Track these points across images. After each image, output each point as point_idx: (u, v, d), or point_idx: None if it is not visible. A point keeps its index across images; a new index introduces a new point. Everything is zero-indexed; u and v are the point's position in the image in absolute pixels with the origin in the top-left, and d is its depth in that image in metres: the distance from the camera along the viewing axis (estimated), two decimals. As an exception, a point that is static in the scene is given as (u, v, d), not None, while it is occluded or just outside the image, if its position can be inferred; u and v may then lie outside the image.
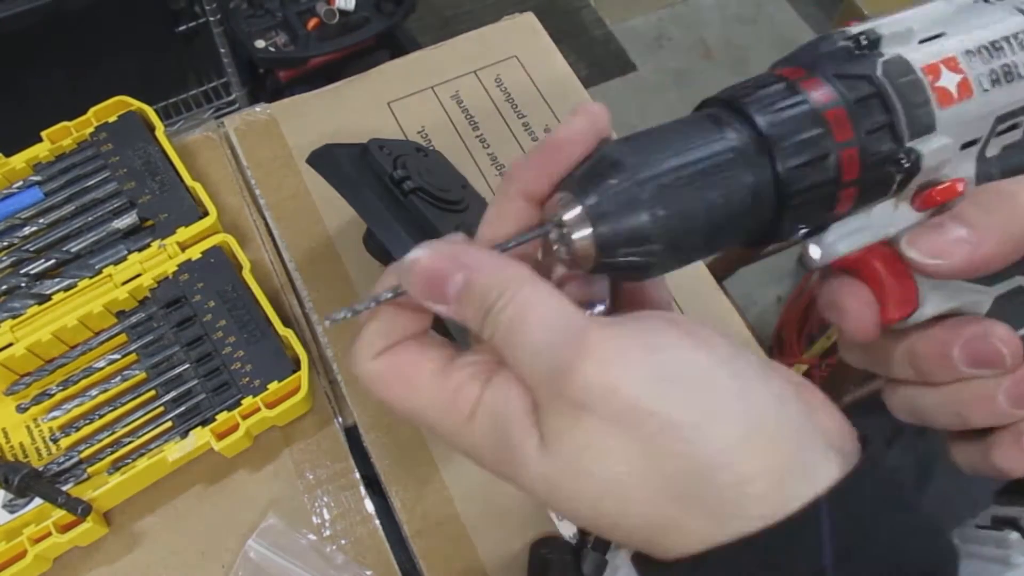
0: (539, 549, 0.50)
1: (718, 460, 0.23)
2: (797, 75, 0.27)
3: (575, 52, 1.92)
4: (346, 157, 0.53)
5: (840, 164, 0.26)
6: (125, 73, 1.34)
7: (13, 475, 0.48)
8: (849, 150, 0.26)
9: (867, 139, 0.26)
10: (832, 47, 0.28)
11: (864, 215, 0.28)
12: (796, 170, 0.25)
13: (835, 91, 0.26)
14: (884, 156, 0.27)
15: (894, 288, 0.29)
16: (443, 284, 0.25)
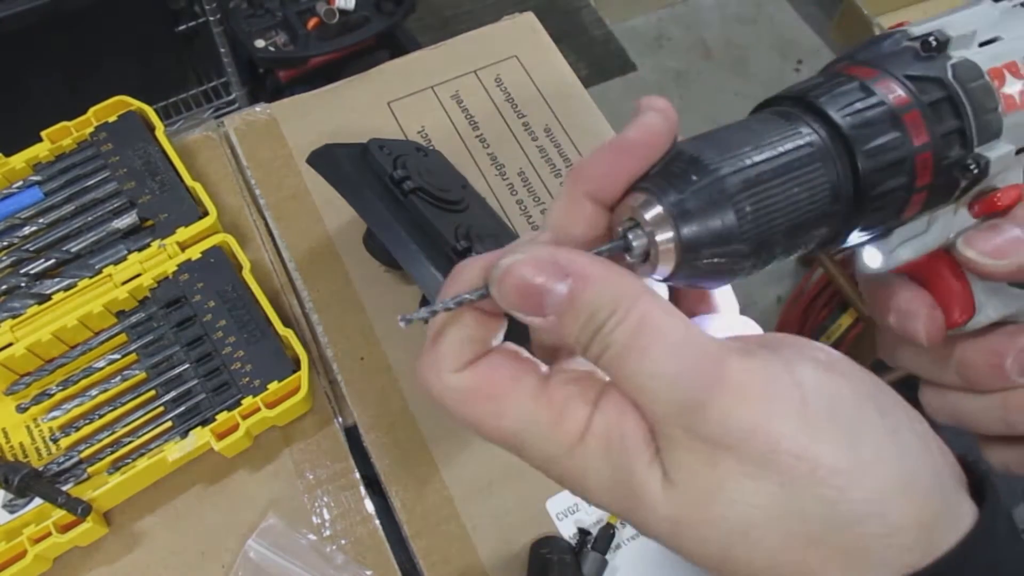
0: (539, 549, 0.50)
1: (868, 509, 0.21)
2: (868, 75, 0.26)
3: (575, 52, 1.92)
4: (346, 157, 0.53)
5: (915, 168, 0.25)
6: (125, 73, 1.34)
7: (13, 475, 0.48)
8: (924, 154, 0.25)
9: (940, 143, 0.26)
10: (897, 47, 0.27)
11: (924, 220, 0.28)
12: (877, 172, 0.25)
13: (909, 93, 0.26)
14: (954, 161, 0.26)
15: (958, 291, 0.29)
16: (541, 295, 0.22)
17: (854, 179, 0.25)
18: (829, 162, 0.24)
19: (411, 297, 0.59)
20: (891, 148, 0.25)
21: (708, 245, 0.23)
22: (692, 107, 1.86)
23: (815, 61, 1.94)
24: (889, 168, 0.25)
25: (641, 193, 0.24)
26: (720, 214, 0.23)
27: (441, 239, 0.50)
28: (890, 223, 0.27)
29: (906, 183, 0.25)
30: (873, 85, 0.26)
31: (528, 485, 0.54)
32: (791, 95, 0.26)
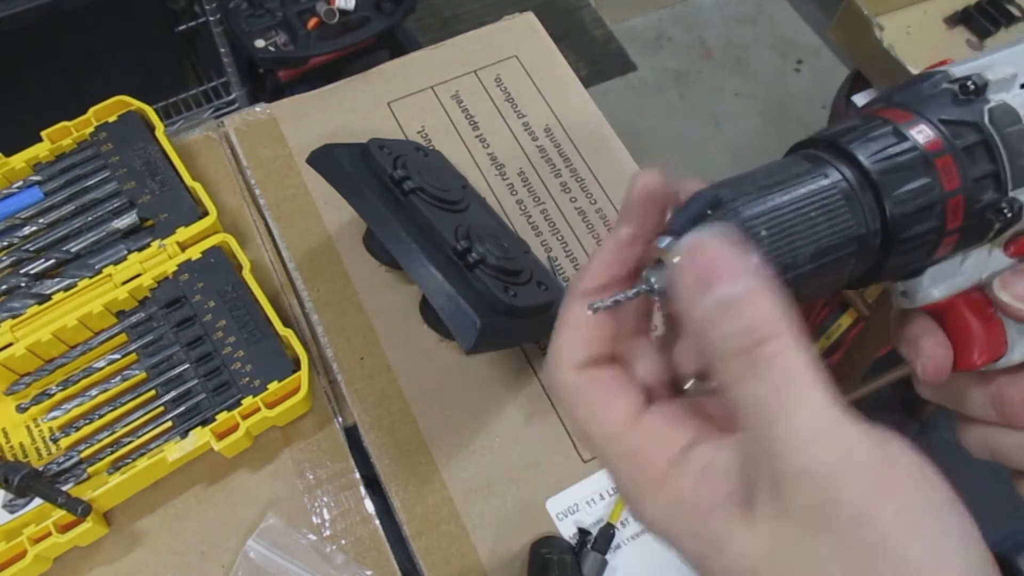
0: (539, 549, 0.50)
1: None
2: (902, 118, 0.26)
3: (575, 52, 1.92)
4: (346, 157, 0.53)
5: (946, 212, 0.26)
6: (125, 73, 1.34)
7: (13, 475, 0.48)
8: (955, 199, 0.26)
9: (972, 187, 0.26)
10: (935, 90, 0.27)
11: (958, 259, 0.28)
12: (905, 217, 0.25)
13: (942, 138, 0.26)
14: (987, 205, 0.26)
15: (981, 333, 0.29)
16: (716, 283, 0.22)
17: (883, 223, 0.25)
18: (856, 206, 0.25)
19: (411, 297, 0.59)
20: (921, 193, 0.25)
21: None
22: (692, 107, 1.86)
23: (815, 61, 1.94)
24: (918, 213, 0.25)
25: (664, 235, 0.25)
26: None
27: (441, 239, 0.50)
28: (921, 263, 0.28)
29: (936, 227, 0.26)
30: (906, 130, 0.26)
31: (528, 485, 0.54)
32: (823, 138, 0.27)
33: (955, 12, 1.16)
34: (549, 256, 0.62)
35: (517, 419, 0.56)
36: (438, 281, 0.47)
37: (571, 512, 0.53)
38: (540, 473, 0.54)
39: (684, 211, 0.25)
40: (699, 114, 1.85)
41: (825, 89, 1.80)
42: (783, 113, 1.85)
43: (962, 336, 0.30)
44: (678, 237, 0.24)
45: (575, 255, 0.62)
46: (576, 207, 0.64)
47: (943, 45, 1.15)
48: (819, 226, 0.24)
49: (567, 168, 0.66)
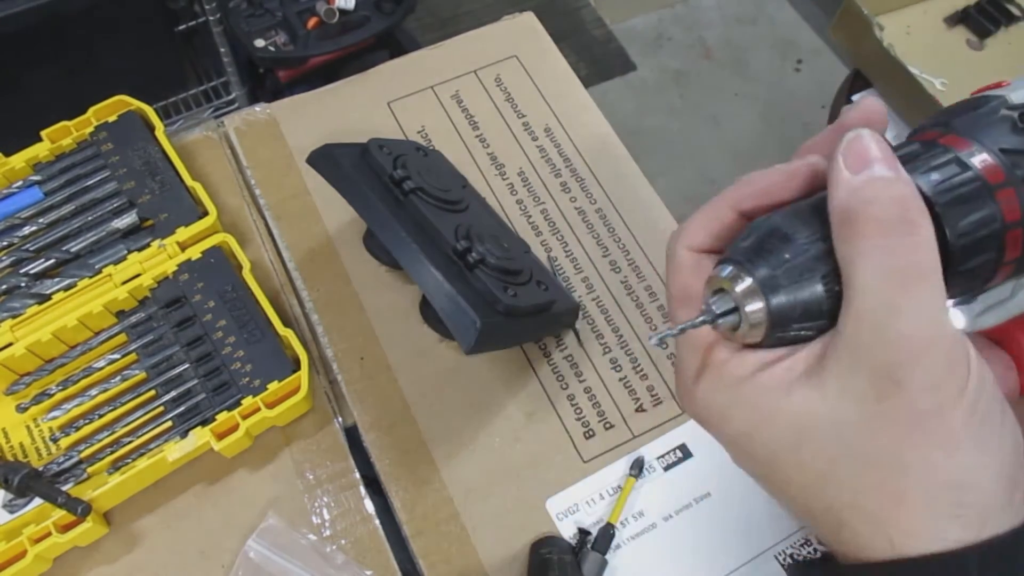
0: (539, 549, 0.50)
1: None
2: (962, 146, 0.26)
3: (575, 52, 1.92)
4: (346, 157, 0.53)
5: (1005, 244, 0.26)
6: (125, 73, 1.34)
7: (13, 475, 0.48)
8: (1016, 231, 0.26)
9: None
10: (994, 117, 0.27)
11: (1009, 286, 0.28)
12: (966, 249, 0.25)
13: (1003, 168, 0.25)
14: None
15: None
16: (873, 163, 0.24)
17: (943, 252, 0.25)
18: None
19: (411, 297, 0.59)
20: (982, 225, 0.25)
21: (798, 319, 0.25)
22: (692, 107, 1.85)
23: (815, 61, 1.94)
24: (980, 244, 0.25)
25: (731, 265, 0.26)
26: (810, 290, 0.24)
27: (441, 239, 0.50)
28: (977, 290, 0.28)
29: (995, 257, 0.26)
30: (968, 159, 0.26)
31: (528, 485, 0.54)
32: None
33: (955, 12, 1.16)
34: (549, 256, 0.62)
35: (517, 419, 0.56)
36: (438, 281, 0.47)
37: (571, 512, 0.53)
38: (540, 473, 0.54)
39: (745, 240, 0.26)
40: (699, 114, 1.85)
41: (825, 89, 1.80)
42: (783, 113, 1.85)
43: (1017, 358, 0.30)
44: (741, 267, 0.25)
45: (575, 255, 0.62)
46: (576, 207, 0.64)
47: (943, 45, 1.15)
48: None
49: (567, 168, 0.66)
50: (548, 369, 0.58)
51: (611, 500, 0.53)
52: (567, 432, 0.56)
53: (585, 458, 0.55)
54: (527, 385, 0.57)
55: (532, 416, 0.56)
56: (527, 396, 0.57)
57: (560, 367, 0.58)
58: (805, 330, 0.25)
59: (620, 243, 0.63)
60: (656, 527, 0.53)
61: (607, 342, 0.59)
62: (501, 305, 0.48)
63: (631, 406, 0.57)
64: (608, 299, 0.60)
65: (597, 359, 0.58)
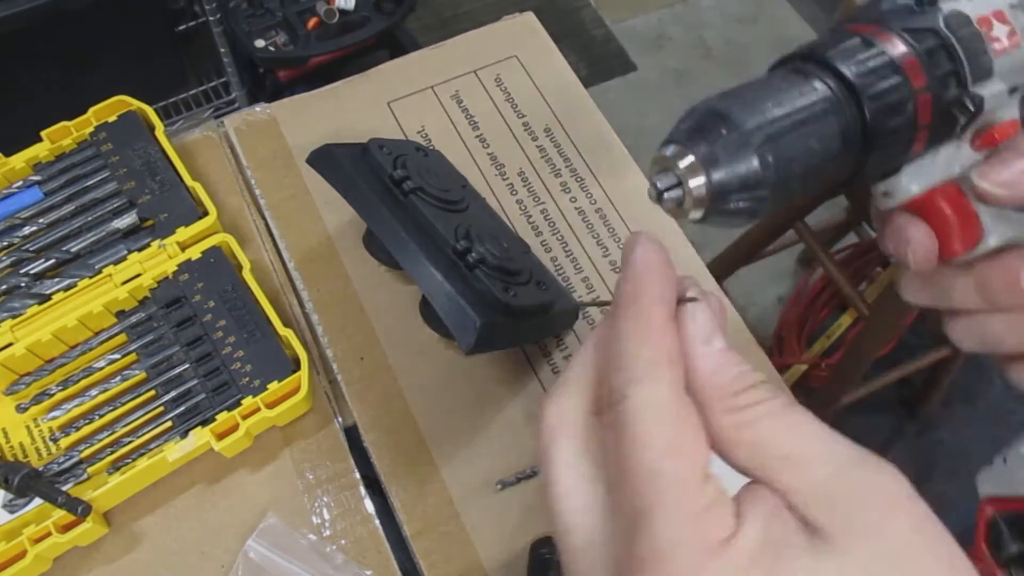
0: (539, 549, 0.50)
1: None
2: (868, 31, 0.29)
3: (575, 52, 1.92)
4: (346, 157, 0.53)
5: (916, 109, 0.29)
6: (125, 73, 1.34)
7: (13, 475, 0.48)
8: (924, 96, 0.29)
9: (937, 85, 0.29)
10: (893, 5, 0.31)
11: (931, 157, 0.31)
12: (881, 115, 0.28)
13: (906, 43, 0.29)
14: (952, 100, 0.30)
15: (958, 222, 0.32)
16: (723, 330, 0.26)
17: (862, 122, 0.28)
18: (840, 111, 0.28)
19: (411, 297, 0.59)
20: (893, 91, 0.28)
21: (736, 190, 0.26)
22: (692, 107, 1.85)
23: (815, 61, 1.94)
24: (893, 108, 0.28)
25: (674, 145, 0.27)
26: (746, 163, 0.26)
27: (441, 239, 0.50)
28: (898, 160, 0.31)
29: (909, 122, 0.29)
30: (875, 39, 0.29)
31: (528, 485, 0.54)
32: (801, 53, 0.30)
33: None
34: (549, 256, 0.62)
35: (517, 419, 0.56)
36: (438, 281, 0.47)
37: (571, 512, 0.53)
38: (540, 473, 0.54)
39: (686, 121, 0.28)
40: (699, 114, 1.85)
41: (825, 89, 1.80)
42: (783, 113, 1.85)
43: (941, 227, 0.33)
44: (683, 145, 0.27)
45: (575, 255, 0.62)
46: (576, 207, 0.64)
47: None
48: (815, 149, 0.27)
49: (567, 168, 0.66)
50: (548, 369, 0.58)
51: (611, 500, 0.53)
52: (567, 432, 0.56)
53: (585, 458, 0.55)
54: (527, 385, 0.57)
55: (532, 416, 0.56)
56: (527, 396, 0.57)
57: (560, 367, 0.58)
58: (744, 201, 0.27)
59: (620, 243, 0.63)
60: (656, 527, 0.53)
61: (607, 342, 0.59)
62: (501, 305, 0.48)
63: (631, 406, 0.57)
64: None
65: (597, 359, 0.58)
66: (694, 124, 0.27)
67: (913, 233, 0.32)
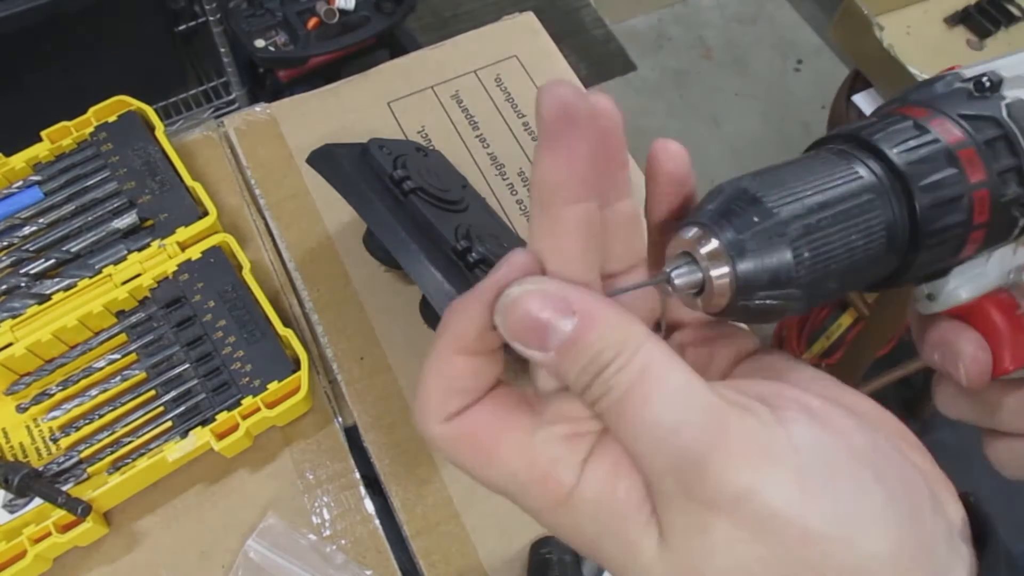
0: (539, 549, 0.50)
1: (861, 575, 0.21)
2: (921, 114, 0.26)
3: (575, 52, 1.92)
4: (346, 157, 0.53)
5: (972, 206, 0.25)
6: (125, 73, 1.34)
7: (13, 475, 0.48)
8: (981, 191, 0.25)
9: (996, 181, 0.26)
10: (949, 88, 0.27)
11: (983, 259, 0.28)
12: (933, 210, 0.25)
13: (964, 131, 0.25)
14: (1012, 199, 0.26)
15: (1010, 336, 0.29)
16: (545, 331, 0.22)
17: (911, 217, 0.25)
18: (886, 201, 0.24)
19: (411, 297, 0.59)
20: (948, 184, 0.25)
21: (765, 287, 0.23)
22: (692, 107, 1.86)
23: (815, 61, 1.94)
24: (946, 205, 0.25)
25: (696, 227, 0.24)
26: (778, 256, 0.23)
27: (441, 239, 0.50)
28: (947, 262, 0.27)
29: (963, 220, 0.25)
30: (927, 123, 0.26)
31: (528, 485, 0.54)
32: (843, 134, 0.26)
33: (955, 12, 1.16)
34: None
35: (517, 419, 0.56)
36: (438, 281, 0.47)
37: (571, 512, 0.53)
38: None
39: (710, 202, 0.24)
40: (699, 114, 1.85)
41: (825, 89, 1.80)
42: (783, 113, 1.85)
43: (992, 340, 0.29)
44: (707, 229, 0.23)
45: (575, 255, 0.62)
46: (576, 207, 0.64)
47: (943, 45, 1.15)
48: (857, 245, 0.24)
49: (567, 168, 0.66)
50: (548, 369, 0.58)
51: (611, 500, 0.53)
52: (567, 432, 0.56)
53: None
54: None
55: (532, 416, 0.56)
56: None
57: (560, 367, 0.58)
58: (771, 299, 0.23)
59: (620, 243, 0.63)
60: (656, 527, 0.53)
61: (607, 342, 0.59)
62: (501, 305, 0.48)
63: (631, 406, 0.57)
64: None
65: (597, 359, 0.58)
66: (721, 206, 0.24)
67: (965, 346, 0.29)
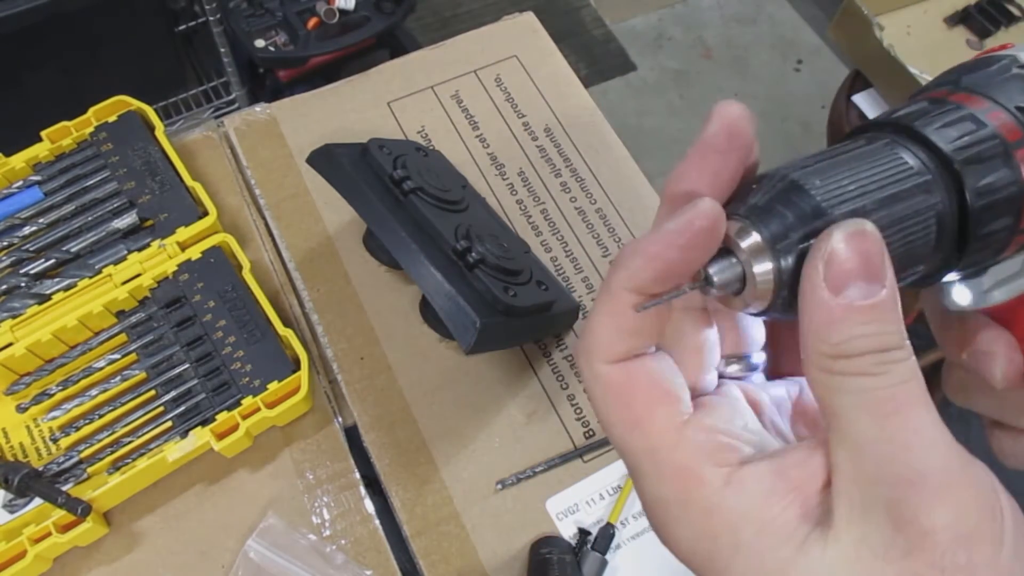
0: (539, 549, 0.50)
1: None
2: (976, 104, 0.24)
3: (575, 52, 1.92)
4: (346, 157, 0.53)
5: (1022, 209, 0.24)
6: (125, 73, 1.34)
7: (13, 475, 0.48)
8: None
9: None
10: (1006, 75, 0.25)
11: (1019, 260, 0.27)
12: (985, 212, 0.23)
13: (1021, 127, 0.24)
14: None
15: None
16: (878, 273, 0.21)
17: (959, 216, 0.23)
18: (936, 198, 0.23)
19: (411, 297, 0.59)
20: (1002, 187, 0.23)
21: None
22: (692, 107, 1.86)
23: (815, 61, 1.94)
24: (998, 207, 0.23)
25: (736, 221, 0.23)
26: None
27: (441, 239, 0.50)
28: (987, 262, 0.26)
29: (1011, 224, 0.24)
30: (983, 117, 0.24)
31: (528, 485, 0.54)
32: (892, 121, 0.25)
33: (955, 12, 1.16)
34: (549, 256, 0.62)
35: (517, 419, 0.56)
36: (438, 281, 0.47)
37: (571, 512, 0.53)
38: (540, 473, 0.54)
39: (756, 194, 0.23)
40: (699, 114, 1.85)
41: (825, 89, 1.80)
42: (783, 113, 1.85)
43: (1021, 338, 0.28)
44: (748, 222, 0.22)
45: (575, 255, 0.62)
46: (576, 207, 0.64)
47: (943, 45, 1.15)
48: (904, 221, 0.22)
49: (567, 168, 0.66)
50: (548, 369, 0.58)
51: (611, 500, 0.53)
52: (567, 432, 0.56)
53: (585, 458, 0.55)
54: (527, 385, 0.57)
55: (532, 416, 0.56)
56: (527, 396, 0.57)
57: (560, 367, 0.58)
58: None
59: (620, 243, 0.63)
60: (656, 527, 0.53)
61: (607, 342, 0.59)
62: (501, 305, 0.48)
63: (631, 406, 0.57)
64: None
65: (597, 359, 0.58)
66: (763, 198, 0.22)
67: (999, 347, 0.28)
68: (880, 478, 0.21)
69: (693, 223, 0.22)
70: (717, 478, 0.22)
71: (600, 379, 0.23)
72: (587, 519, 0.53)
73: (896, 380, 0.21)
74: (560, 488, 0.54)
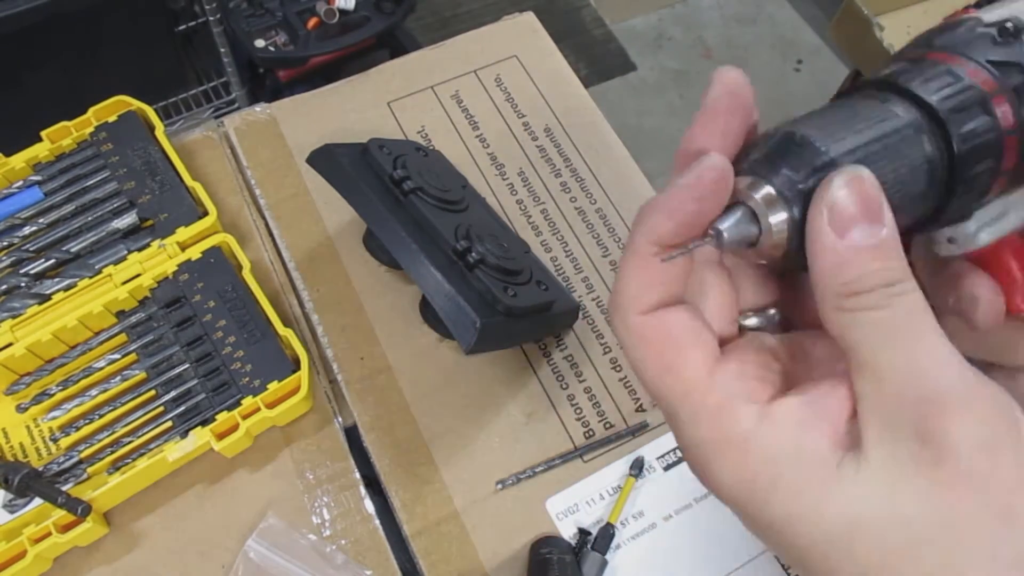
0: (539, 549, 0.50)
1: None
2: (952, 60, 0.26)
3: (575, 52, 1.92)
4: (346, 157, 0.53)
5: (1003, 152, 0.26)
6: (125, 73, 1.34)
7: (13, 475, 0.48)
8: (1011, 138, 0.26)
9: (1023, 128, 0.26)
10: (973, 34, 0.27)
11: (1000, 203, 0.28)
12: (969, 156, 0.25)
13: (995, 78, 0.26)
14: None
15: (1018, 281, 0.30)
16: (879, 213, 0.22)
17: (948, 162, 0.25)
18: (925, 144, 0.25)
19: (411, 297, 0.59)
20: (984, 132, 0.25)
21: None
22: (692, 107, 1.85)
23: (815, 61, 1.94)
24: (981, 151, 0.25)
25: (746, 176, 0.24)
26: None
27: (441, 239, 0.50)
28: (972, 205, 0.28)
29: (993, 166, 0.26)
30: (961, 71, 0.26)
31: (528, 485, 0.54)
32: (879, 80, 0.26)
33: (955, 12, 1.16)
34: (549, 256, 0.62)
35: (517, 419, 0.56)
36: (438, 281, 0.47)
37: (571, 512, 0.53)
38: (540, 474, 0.54)
39: (761, 148, 0.24)
40: (699, 114, 1.85)
41: (825, 89, 1.80)
42: (783, 113, 1.84)
43: (1007, 282, 0.30)
44: (762, 177, 0.23)
45: (575, 255, 0.62)
46: (576, 207, 0.64)
47: (943, 45, 1.15)
48: (903, 182, 0.24)
49: (567, 168, 0.66)
50: (548, 369, 0.58)
51: (611, 500, 0.53)
52: (567, 432, 0.56)
53: (585, 458, 0.55)
54: (527, 385, 0.57)
55: (532, 416, 0.56)
56: (527, 396, 0.57)
57: (560, 367, 0.58)
58: None
59: (620, 243, 0.63)
60: (656, 527, 0.53)
61: (607, 342, 0.59)
62: (501, 305, 0.48)
63: (631, 406, 0.57)
64: (608, 299, 0.60)
65: (597, 359, 0.58)
66: (768, 152, 0.24)
67: (981, 291, 0.30)
68: (902, 400, 0.22)
69: (704, 176, 0.23)
70: (750, 415, 0.23)
71: (633, 330, 0.24)
72: (587, 519, 0.53)
73: (906, 310, 0.22)
74: (560, 488, 0.54)
